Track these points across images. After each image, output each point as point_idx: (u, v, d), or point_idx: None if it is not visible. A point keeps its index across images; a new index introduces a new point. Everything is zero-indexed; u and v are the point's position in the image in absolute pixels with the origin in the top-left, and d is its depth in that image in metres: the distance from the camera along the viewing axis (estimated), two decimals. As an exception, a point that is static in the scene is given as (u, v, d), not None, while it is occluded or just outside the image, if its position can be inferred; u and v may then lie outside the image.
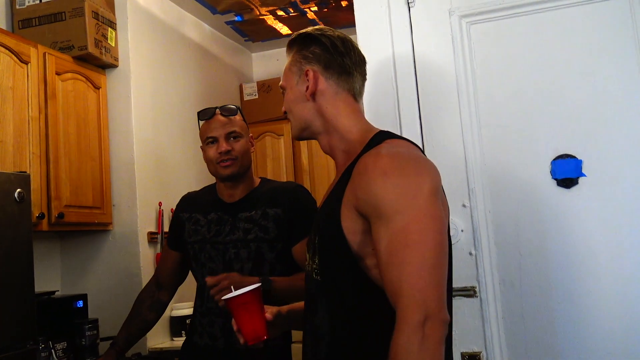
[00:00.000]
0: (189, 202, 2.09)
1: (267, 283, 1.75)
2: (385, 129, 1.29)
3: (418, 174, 1.14)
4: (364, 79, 1.36)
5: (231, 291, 1.39)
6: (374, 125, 1.32)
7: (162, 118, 3.46)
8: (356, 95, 1.33)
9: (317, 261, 1.24)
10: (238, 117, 1.98)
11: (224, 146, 1.91)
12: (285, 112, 1.37)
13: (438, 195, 1.14)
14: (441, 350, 1.05)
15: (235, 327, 1.38)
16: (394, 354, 1.05)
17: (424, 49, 1.76)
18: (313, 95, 1.30)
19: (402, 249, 1.08)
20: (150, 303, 2.11)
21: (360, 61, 1.35)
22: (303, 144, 4.20)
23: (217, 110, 1.96)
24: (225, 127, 1.93)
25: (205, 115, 1.97)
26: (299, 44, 1.35)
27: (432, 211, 1.11)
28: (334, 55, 1.31)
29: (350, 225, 1.17)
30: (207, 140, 1.95)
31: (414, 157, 1.19)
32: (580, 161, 1.62)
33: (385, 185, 1.12)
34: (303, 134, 1.35)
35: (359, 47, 1.36)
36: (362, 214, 1.15)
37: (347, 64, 1.31)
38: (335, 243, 1.18)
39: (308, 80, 1.30)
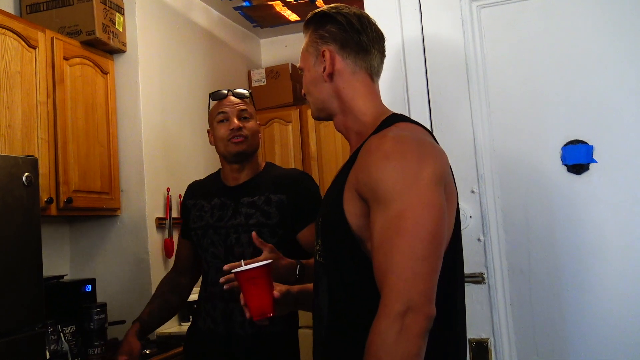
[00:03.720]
0: (194, 190, 2.11)
1: (302, 269, 1.71)
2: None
3: (420, 159, 1.11)
4: (382, 56, 1.33)
5: (242, 265, 1.39)
6: None
7: (170, 104, 3.46)
8: (373, 74, 1.31)
9: (320, 243, 1.23)
10: (249, 101, 2.02)
11: (235, 123, 1.93)
12: (304, 94, 1.36)
13: (440, 183, 1.11)
14: (419, 343, 1.02)
15: (242, 302, 1.38)
16: (370, 342, 1.04)
17: (433, 33, 1.74)
18: (330, 76, 1.28)
19: (394, 237, 1.05)
20: (170, 287, 2.12)
21: (378, 38, 1.32)
22: (311, 130, 4.19)
23: (230, 92, 2.00)
24: (237, 106, 1.97)
25: (217, 96, 2.01)
26: (315, 24, 1.32)
27: (431, 199, 1.08)
28: (351, 33, 1.28)
29: (351, 208, 1.15)
30: (219, 117, 1.96)
31: (419, 141, 1.16)
32: (591, 147, 1.60)
33: (385, 169, 1.09)
34: (321, 114, 1.34)
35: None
36: (362, 197, 1.13)
37: (363, 41, 1.29)
38: (337, 225, 1.17)
39: (325, 60, 1.28)
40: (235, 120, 1.93)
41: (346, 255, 1.17)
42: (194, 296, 3.15)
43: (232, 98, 1.98)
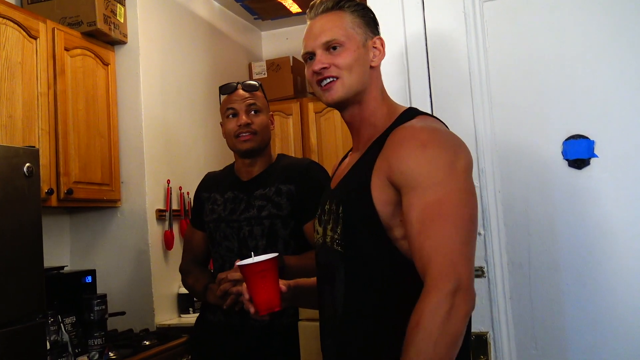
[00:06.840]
0: (209, 182, 2.10)
1: (280, 261, 1.73)
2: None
3: (455, 149, 1.17)
4: None
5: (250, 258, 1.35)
6: None
7: (171, 95, 3.45)
8: None
9: (339, 232, 1.23)
10: (259, 93, 1.98)
11: (243, 119, 1.91)
12: (323, 68, 1.25)
13: (471, 173, 1.18)
14: (464, 324, 1.05)
15: (247, 296, 1.34)
16: (418, 319, 1.04)
17: (436, 27, 1.73)
18: (376, 66, 1.31)
19: (436, 220, 1.09)
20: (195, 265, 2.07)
21: None
22: (312, 123, 4.18)
23: (239, 85, 1.97)
24: (246, 101, 1.94)
25: (227, 89, 1.98)
26: (355, 8, 1.31)
27: (468, 186, 1.14)
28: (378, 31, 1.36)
29: (380, 196, 1.17)
30: (227, 113, 1.95)
31: (450, 133, 1.23)
32: (593, 142, 1.60)
33: (425, 157, 1.14)
34: (352, 97, 1.29)
35: None
36: (394, 184, 1.16)
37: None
38: (364, 213, 1.18)
39: (376, 49, 1.30)
40: (244, 117, 1.91)
41: (371, 243, 1.19)
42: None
43: (241, 92, 1.95)
